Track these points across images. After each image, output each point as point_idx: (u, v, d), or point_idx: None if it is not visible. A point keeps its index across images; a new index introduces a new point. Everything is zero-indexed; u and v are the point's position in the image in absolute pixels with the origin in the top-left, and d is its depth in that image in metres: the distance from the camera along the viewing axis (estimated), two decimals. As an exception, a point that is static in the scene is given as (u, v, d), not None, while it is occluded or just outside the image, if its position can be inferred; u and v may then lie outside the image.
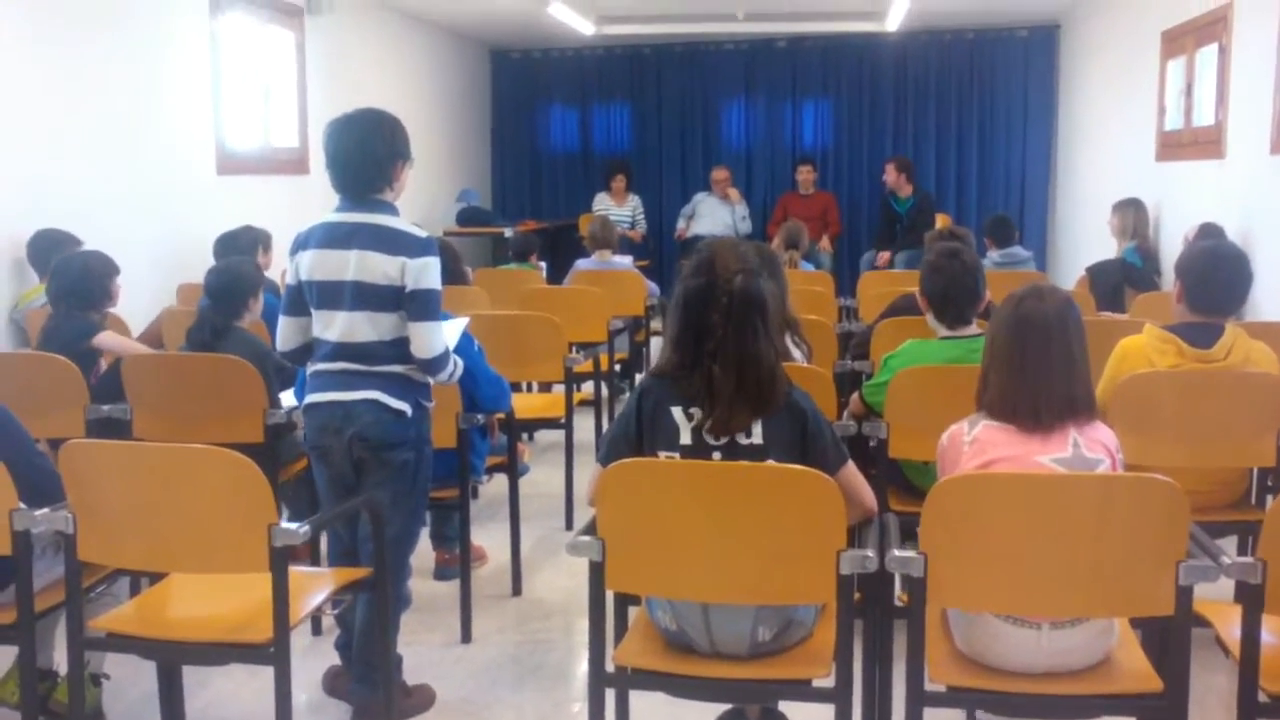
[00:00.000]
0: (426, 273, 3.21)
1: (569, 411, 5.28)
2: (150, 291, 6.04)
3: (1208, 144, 6.68)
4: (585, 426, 5.70)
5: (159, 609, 3.07)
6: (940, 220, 9.61)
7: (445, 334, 3.35)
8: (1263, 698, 2.48)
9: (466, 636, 4.04)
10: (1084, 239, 9.44)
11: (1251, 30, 6.11)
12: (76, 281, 4.48)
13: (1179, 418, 3.43)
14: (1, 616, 2.91)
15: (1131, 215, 7.08)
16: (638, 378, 7.41)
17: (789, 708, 2.94)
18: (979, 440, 2.67)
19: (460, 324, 3.87)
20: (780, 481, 2.51)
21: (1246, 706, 2.48)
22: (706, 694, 2.67)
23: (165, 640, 2.90)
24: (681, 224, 10.84)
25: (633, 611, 2.90)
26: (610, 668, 2.68)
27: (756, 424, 2.63)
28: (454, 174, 11.16)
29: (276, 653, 2.73)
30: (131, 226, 6.11)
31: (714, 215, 10.62)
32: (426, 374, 3.32)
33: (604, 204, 10.61)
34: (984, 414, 2.71)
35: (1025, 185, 11.32)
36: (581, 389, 5.80)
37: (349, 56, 8.83)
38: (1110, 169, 8.89)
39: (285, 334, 3.37)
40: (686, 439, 2.65)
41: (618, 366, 6.86)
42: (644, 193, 11.21)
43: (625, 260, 7.61)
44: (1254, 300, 5.05)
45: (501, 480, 4.61)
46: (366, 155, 3.24)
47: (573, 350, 5.29)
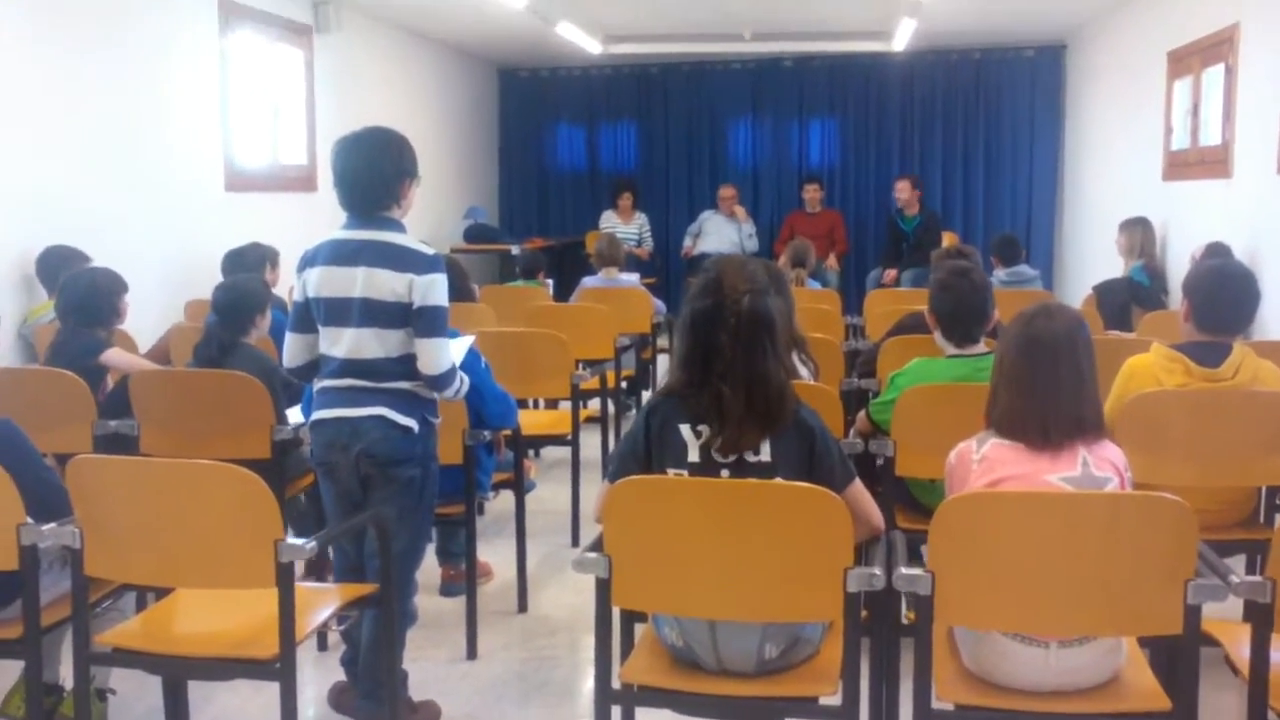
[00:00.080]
0: (433, 289, 3.22)
1: (575, 428, 5.28)
2: (158, 308, 6.06)
3: (1214, 163, 6.68)
4: (591, 443, 5.70)
5: (165, 624, 3.07)
6: (947, 238, 9.62)
7: (452, 351, 3.35)
8: (1272, 718, 2.47)
9: (472, 653, 4.03)
10: (1091, 258, 9.44)
11: (1258, 51, 6.13)
12: (85, 298, 4.49)
13: (1187, 437, 3.42)
14: (8, 631, 2.92)
15: (1139, 234, 7.08)
16: (644, 395, 7.43)
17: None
18: (987, 458, 2.67)
19: (466, 342, 3.87)
20: (788, 499, 2.51)
21: (1256, 726, 2.48)
22: (713, 711, 2.66)
23: (171, 655, 2.90)
24: (688, 242, 10.84)
25: (639, 629, 2.89)
26: (616, 685, 2.68)
27: (765, 442, 2.63)
28: (462, 191, 11.19)
29: (282, 668, 2.73)
30: (140, 243, 6.14)
31: (720, 233, 10.63)
32: (433, 390, 3.32)
33: (611, 222, 10.62)
34: (993, 432, 2.71)
35: (1032, 204, 11.32)
36: (588, 406, 5.80)
37: (357, 75, 8.88)
38: (1117, 188, 8.90)
39: (292, 350, 3.37)
40: (694, 456, 2.65)
41: (624, 383, 6.85)
42: (651, 211, 11.22)
43: (632, 278, 7.62)
44: (1261, 319, 5.05)
45: (507, 497, 4.60)
46: (374, 173, 3.26)
47: (579, 367, 5.30)
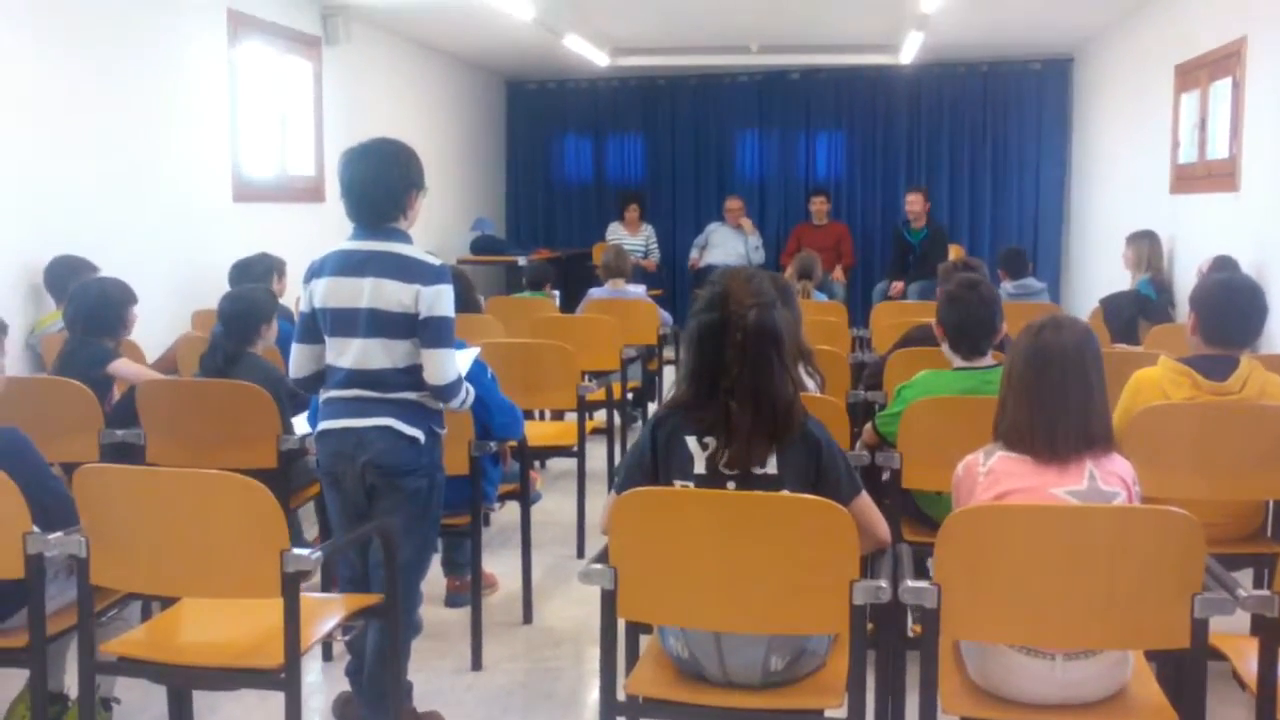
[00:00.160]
0: (440, 300, 3.23)
1: (581, 439, 5.27)
2: (166, 318, 6.07)
3: (1222, 177, 6.68)
4: (597, 455, 5.70)
5: (170, 633, 3.07)
6: (953, 251, 9.62)
7: (458, 361, 3.36)
8: (1280, 733, 2.46)
9: (477, 664, 4.02)
10: (1098, 271, 9.43)
11: (1266, 65, 6.13)
12: (94, 307, 4.50)
13: (1194, 450, 3.41)
14: (14, 639, 2.92)
15: (1146, 247, 7.07)
16: (650, 407, 7.42)
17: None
18: (994, 471, 2.66)
19: (471, 353, 3.88)
20: (794, 511, 2.51)
21: (1264, 741, 2.47)
22: (718, 723, 2.66)
23: (176, 665, 2.90)
24: (695, 253, 10.85)
25: (644, 640, 2.89)
26: (621, 696, 2.67)
27: (772, 454, 2.62)
28: (469, 203, 11.21)
29: (287, 678, 2.73)
30: (148, 253, 6.15)
31: (727, 245, 10.64)
32: (439, 400, 3.32)
33: (617, 233, 10.63)
34: (1000, 444, 2.70)
35: (1039, 217, 11.31)
36: (594, 417, 5.80)
37: (366, 86, 8.90)
38: (1124, 201, 8.89)
39: (298, 361, 3.37)
40: (701, 468, 2.64)
41: (630, 395, 6.86)
42: (657, 222, 11.24)
43: (638, 289, 7.62)
44: (1269, 333, 5.03)
45: (513, 508, 4.60)
46: (381, 185, 3.26)
47: (585, 379, 5.30)
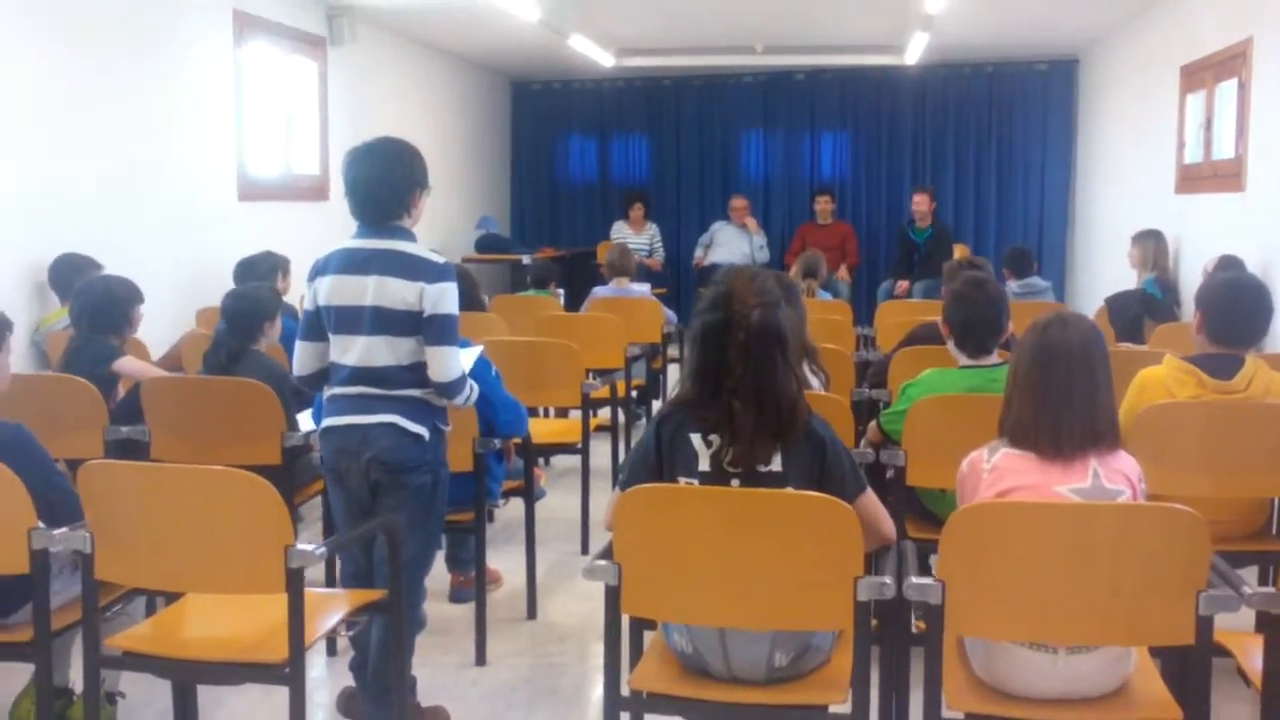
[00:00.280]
0: (444, 298, 3.23)
1: (585, 437, 5.28)
2: (171, 315, 6.08)
3: (1228, 177, 6.67)
4: (601, 452, 5.70)
5: (175, 628, 3.08)
6: (958, 251, 9.61)
7: (462, 359, 3.36)
8: (1285, 730, 2.46)
9: (481, 659, 4.03)
10: (1103, 270, 9.42)
11: (1271, 65, 6.12)
12: (100, 305, 4.51)
13: (1199, 448, 3.41)
14: (19, 634, 2.93)
15: (1151, 247, 7.06)
16: (654, 404, 7.43)
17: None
18: (998, 467, 2.66)
19: (475, 351, 3.88)
20: (798, 508, 2.50)
21: (1268, 738, 2.47)
22: (722, 719, 2.66)
23: (181, 659, 2.90)
24: (699, 252, 10.84)
25: (648, 636, 2.90)
26: (625, 691, 2.67)
27: (776, 452, 2.62)
28: (474, 202, 11.22)
29: (291, 673, 2.73)
30: (153, 251, 6.16)
31: (732, 244, 10.63)
32: (443, 397, 3.32)
33: (622, 232, 10.63)
34: (1005, 441, 2.70)
35: (1044, 217, 11.31)
36: (598, 415, 5.80)
37: (371, 86, 8.91)
38: (1129, 201, 8.88)
39: (302, 359, 3.38)
40: (705, 466, 2.64)
41: (634, 393, 6.87)
42: (662, 221, 11.23)
43: (643, 288, 7.63)
44: (1275, 332, 5.02)
45: (517, 504, 4.61)
46: (385, 183, 3.27)
47: (590, 376, 5.31)
